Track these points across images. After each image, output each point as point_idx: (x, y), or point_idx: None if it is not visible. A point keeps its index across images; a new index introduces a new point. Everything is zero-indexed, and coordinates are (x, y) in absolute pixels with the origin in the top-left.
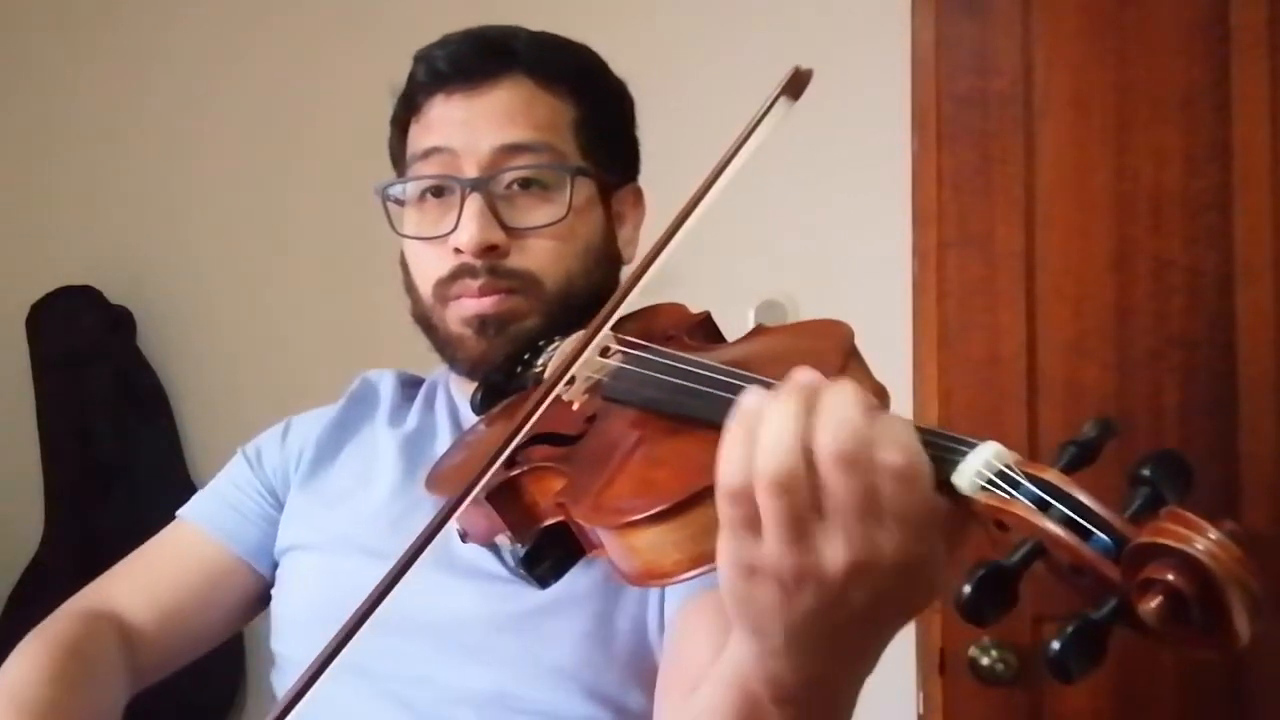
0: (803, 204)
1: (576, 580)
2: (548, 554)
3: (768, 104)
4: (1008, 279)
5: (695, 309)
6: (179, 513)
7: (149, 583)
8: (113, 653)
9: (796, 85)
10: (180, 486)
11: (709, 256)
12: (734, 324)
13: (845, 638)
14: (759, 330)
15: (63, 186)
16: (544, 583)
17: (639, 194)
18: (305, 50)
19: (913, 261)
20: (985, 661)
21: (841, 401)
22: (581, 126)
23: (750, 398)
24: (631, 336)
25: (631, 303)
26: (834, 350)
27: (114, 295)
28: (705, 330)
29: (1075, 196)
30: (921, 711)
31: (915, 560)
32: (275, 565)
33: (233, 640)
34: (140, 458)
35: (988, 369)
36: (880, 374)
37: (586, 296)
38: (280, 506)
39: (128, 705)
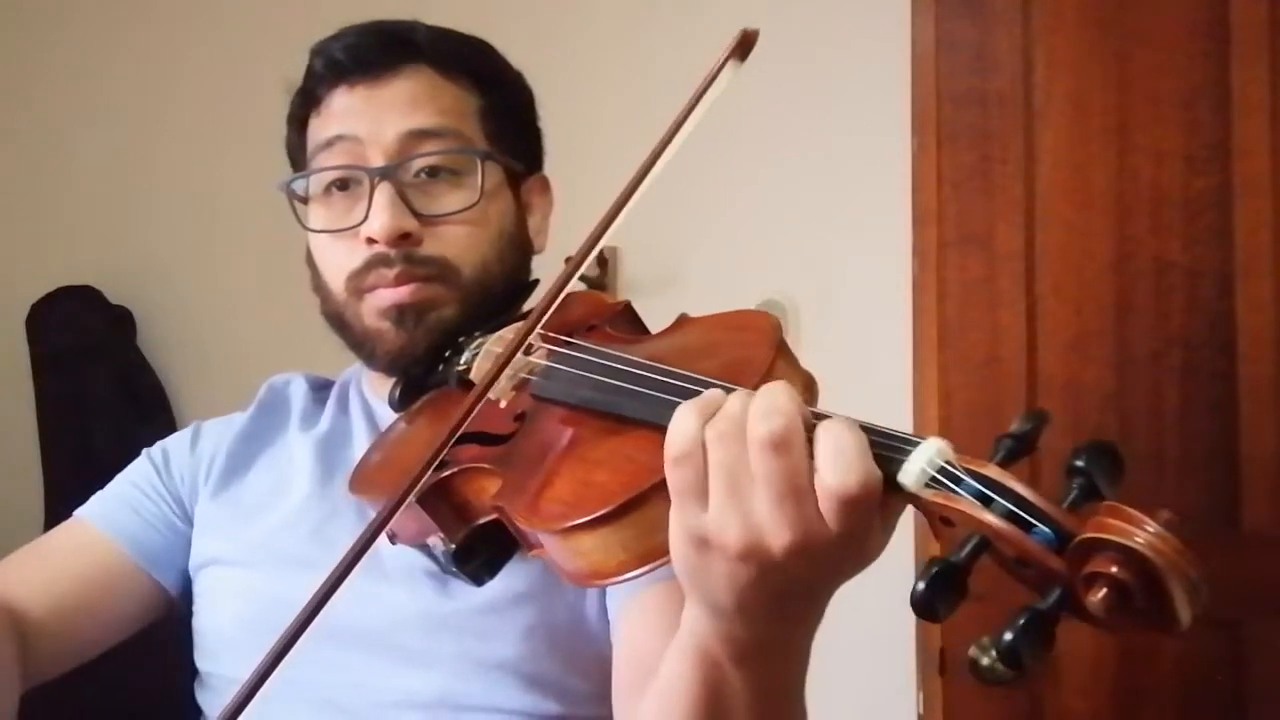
0: (803, 204)
1: (514, 576)
2: (481, 551)
3: (717, 67)
4: (1008, 279)
5: (691, 309)
6: (77, 512)
7: (44, 578)
8: (5, 642)
9: (744, 47)
10: None
11: (709, 257)
12: None
13: (790, 601)
14: (684, 321)
15: (64, 186)
16: (479, 580)
17: (546, 183)
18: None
19: (913, 261)
20: (985, 661)
21: (775, 391)
22: (486, 115)
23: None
24: (554, 329)
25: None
26: (763, 343)
27: (114, 295)
28: (627, 319)
29: (1075, 196)
30: (921, 711)
31: (852, 536)
32: (178, 574)
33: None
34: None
35: (988, 369)
36: (880, 374)
37: (503, 283)
38: (186, 514)
39: None
